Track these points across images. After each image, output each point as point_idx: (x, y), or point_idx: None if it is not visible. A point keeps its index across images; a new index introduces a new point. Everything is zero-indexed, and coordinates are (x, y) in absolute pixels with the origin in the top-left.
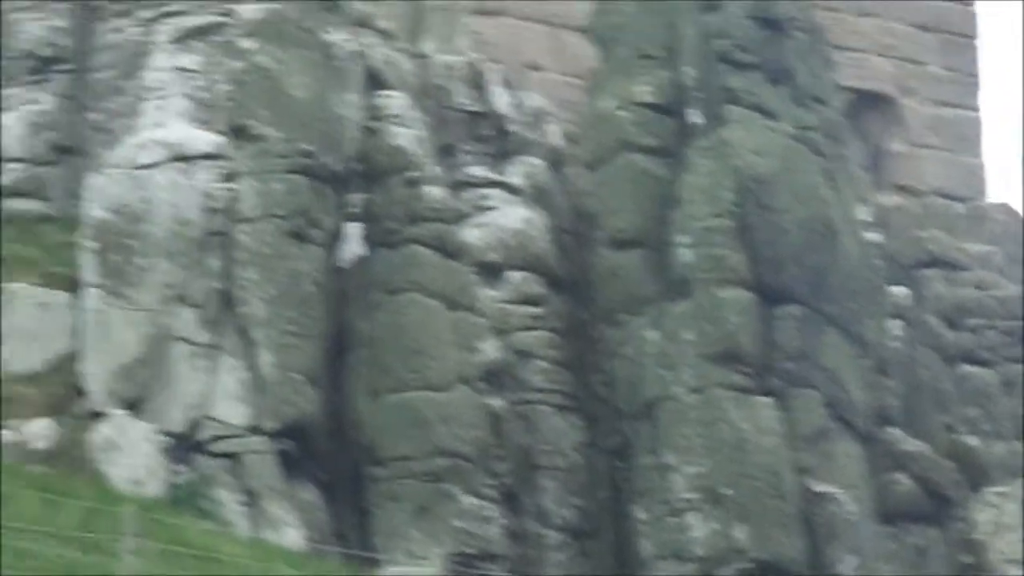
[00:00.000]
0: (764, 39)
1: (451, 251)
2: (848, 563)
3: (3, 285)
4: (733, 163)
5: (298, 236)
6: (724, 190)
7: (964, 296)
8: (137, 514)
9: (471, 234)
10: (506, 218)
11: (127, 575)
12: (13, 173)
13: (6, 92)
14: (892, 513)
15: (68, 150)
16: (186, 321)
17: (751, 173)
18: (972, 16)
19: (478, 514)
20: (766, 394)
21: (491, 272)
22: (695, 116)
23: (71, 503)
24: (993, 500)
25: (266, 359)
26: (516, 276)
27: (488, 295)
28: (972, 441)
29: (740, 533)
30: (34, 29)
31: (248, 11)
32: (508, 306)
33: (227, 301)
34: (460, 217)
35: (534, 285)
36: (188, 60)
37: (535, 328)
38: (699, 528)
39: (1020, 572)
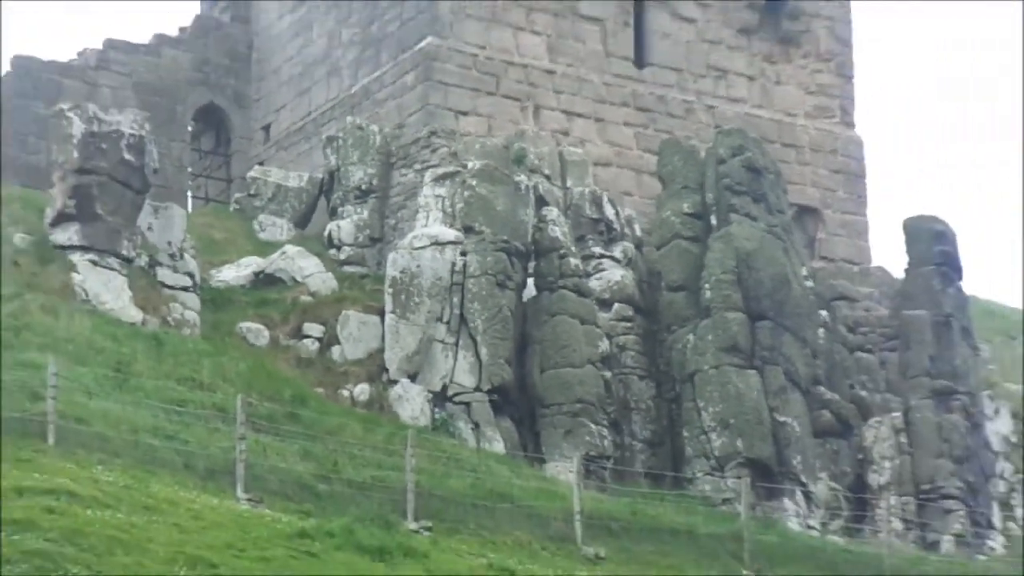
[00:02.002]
0: (751, 178)
1: (583, 293)
2: (797, 459)
3: (342, 313)
4: (734, 245)
5: (500, 285)
6: (728, 259)
7: (858, 316)
8: (415, 434)
9: (594, 284)
10: (612, 275)
11: (410, 470)
12: (347, 251)
13: (344, 209)
14: (820, 432)
15: (376, 239)
16: (440, 331)
17: (743, 250)
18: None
19: (598, 434)
20: (752, 368)
21: (604, 304)
22: (713, 220)
23: (379, 428)
24: (873, 425)
25: (483, 351)
26: (617, 306)
27: (603, 316)
28: (863, 393)
29: (739, 444)
30: (358, 173)
31: (473, 164)
32: (613, 322)
33: (463, 320)
34: (587, 275)
35: (627, 311)
36: (442, 191)
37: (628, 334)
38: (716, 441)
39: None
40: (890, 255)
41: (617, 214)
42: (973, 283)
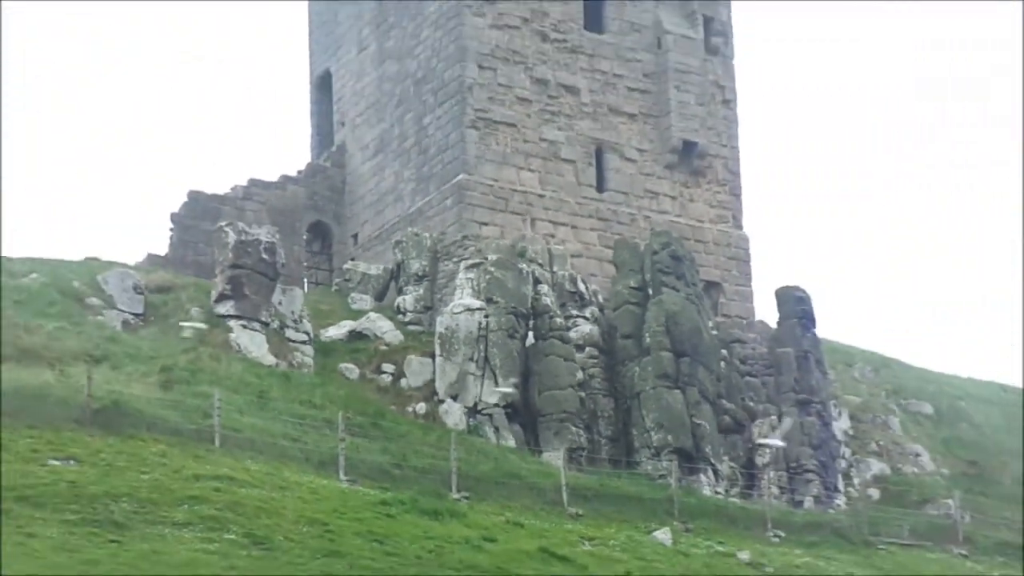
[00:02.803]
0: (674, 263)
1: (565, 340)
2: (708, 448)
3: (407, 357)
4: (664, 308)
5: (511, 336)
6: (662, 317)
7: (746, 353)
8: (456, 436)
9: (572, 334)
10: (585, 328)
11: (454, 459)
12: (410, 316)
13: (407, 288)
14: (723, 430)
15: (429, 308)
16: (472, 367)
17: (670, 311)
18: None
19: (576, 434)
20: (677, 388)
21: (579, 347)
22: (650, 291)
23: (433, 432)
24: (758, 424)
25: (501, 380)
26: (588, 349)
27: (578, 356)
28: (751, 404)
29: (669, 438)
30: (416, 265)
31: (491, 257)
32: (585, 359)
33: (486, 358)
34: (567, 329)
35: (594, 352)
36: (471, 275)
37: (595, 367)
38: (654, 436)
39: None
40: (768, 313)
41: (587, 288)
42: (823, 328)
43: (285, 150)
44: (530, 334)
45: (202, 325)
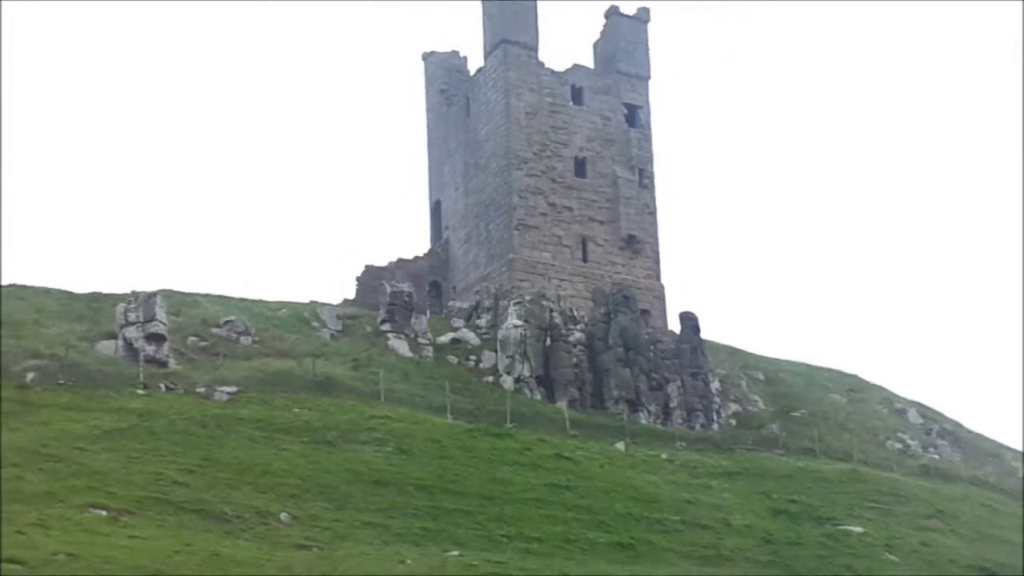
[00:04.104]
0: (624, 300)
1: (567, 342)
2: (644, 399)
3: (483, 351)
4: (620, 324)
5: (538, 340)
6: (618, 329)
7: (663, 348)
8: (510, 394)
9: (570, 339)
10: (577, 335)
11: (508, 406)
12: (483, 330)
13: (482, 315)
14: (651, 389)
15: (494, 326)
16: (518, 357)
17: (623, 326)
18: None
19: (574, 392)
20: (627, 368)
21: (574, 345)
22: (612, 315)
23: (497, 392)
24: (670, 386)
25: (532, 363)
26: (579, 346)
27: (574, 350)
28: (666, 375)
29: (624, 393)
30: (487, 303)
31: (527, 298)
32: (578, 352)
33: (524, 352)
34: (568, 335)
35: (583, 348)
36: (516, 308)
37: (583, 356)
38: (615, 393)
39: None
40: (675, 326)
41: (577, 314)
42: (705, 333)
43: (417, 241)
44: (548, 339)
45: None
